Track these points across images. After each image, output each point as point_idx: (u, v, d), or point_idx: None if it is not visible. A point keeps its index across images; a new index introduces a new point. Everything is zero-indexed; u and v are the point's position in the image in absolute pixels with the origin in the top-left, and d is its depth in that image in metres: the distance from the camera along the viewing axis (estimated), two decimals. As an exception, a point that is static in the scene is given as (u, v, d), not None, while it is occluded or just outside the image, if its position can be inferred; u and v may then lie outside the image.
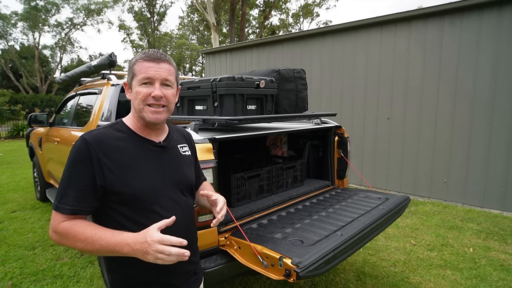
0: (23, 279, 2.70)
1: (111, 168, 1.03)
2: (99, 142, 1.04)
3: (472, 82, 4.43)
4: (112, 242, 0.94)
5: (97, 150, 1.02)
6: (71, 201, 1.00)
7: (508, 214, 4.20)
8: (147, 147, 1.13)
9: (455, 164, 4.63)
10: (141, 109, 1.08)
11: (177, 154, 1.22)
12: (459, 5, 4.42)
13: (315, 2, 29.74)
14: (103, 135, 1.07)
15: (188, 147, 1.30)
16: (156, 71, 1.07)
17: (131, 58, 1.15)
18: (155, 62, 1.08)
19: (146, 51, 1.11)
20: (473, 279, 2.68)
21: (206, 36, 33.88)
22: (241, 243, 1.73)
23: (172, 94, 1.12)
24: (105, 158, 1.03)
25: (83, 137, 1.05)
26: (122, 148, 1.07)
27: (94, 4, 28.45)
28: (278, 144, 3.20)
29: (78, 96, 3.62)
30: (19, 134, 13.83)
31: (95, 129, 1.11)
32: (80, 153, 1.02)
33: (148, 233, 0.91)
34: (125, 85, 1.16)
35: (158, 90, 1.07)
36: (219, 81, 2.26)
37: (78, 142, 1.05)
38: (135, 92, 1.09)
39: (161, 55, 1.10)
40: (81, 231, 0.97)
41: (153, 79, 1.07)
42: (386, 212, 2.13)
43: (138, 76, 1.07)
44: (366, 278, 2.70)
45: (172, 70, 1.12)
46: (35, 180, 4.96)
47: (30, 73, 26.80)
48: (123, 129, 1.13)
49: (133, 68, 1.09)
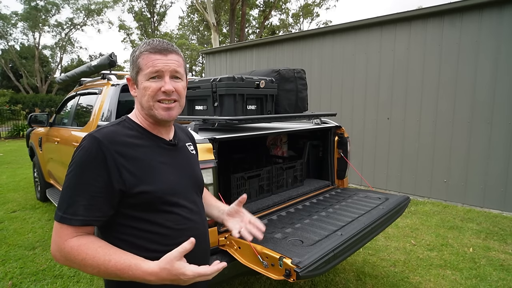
0: (23, 279, 2.70)
1: (130, 169, 0.92)
2: (112, 140, 0.92)
3: (472, 82, 4.43)
4: (132, 274, 0.83)
5: (111, 150, 0.90)
6: (81, 210, 0.86)
7: (508, 214, 4.20)
8: (160, 145, 1.04)
9: (455, 164, 4.63)
10: (151, 106, 0.98)
11: (187, 153, 1.15)
12: (459, 5, 4.42)
13: (315, 2, 29.76)
14: (114, 133, 0.95)
15: (193, 146, 1.24)
16: (165, 63, 0.96)
17: (133, 50, 1.03)
18: (162, 54, 0.97)
19: (151, 42, 0.99)
20: (473, 279, 2.68)
21: (206, 36, 33.88)
22: (241, 243, 1.73)
23: (183, 87, 1.02)
24: (121, 158, 0.91)
25: (93, 136, 0.91)
26: (138, 146, 0.97)
27: (94, 4, 28.49)
28: (278, 144, 3.20)
29: (78, 96, 3.62)
30: (19, 134, 13.82)
31: (103, 127, 0.98)
32: (91, 153, 0.89)
33: (180, 269, 0.83)
34: (129, 81, 1.05)
35: (168, 84, 0.97)
36: (219, 81, 2.26)
37: (86, 142, 0.91)
38: (143, 88, 0.98)
39: (168, 45, 0.99)
40: (92, 254, 0.84)
41: (162, 72, 0.97)
42: (386, 212, 2.13)
43: (145, 70, 0.97)
44: (366, 278, 2.70)
45: (181, 61, 1.02)
46: (35, 180, 4.96)
47: (30, 73, 26.81)
48: (133, 126, 1.02)
49: (138, 62, 0.98)
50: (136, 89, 1.02)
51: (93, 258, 0.83)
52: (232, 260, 1.76)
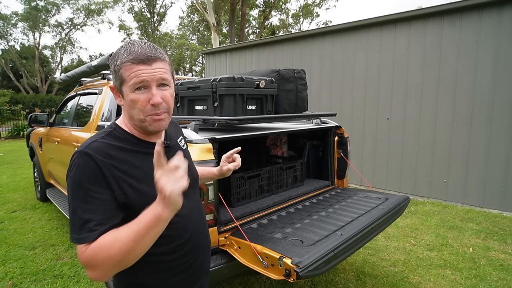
0: (23, 279, 2.71)
1: (127, 181, 0.90)
2: (104, 154, 0.90)
3: (471, 82, 4.43)
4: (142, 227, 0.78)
5: (106, 163, 0.88)
6: (96, 226, 0.83)
7: (507, 214, 4.20)
8: (152, 151, 1.01)
9: (454, 164, 4.63)
10: (142, 120, 0.94)
11: (180, 150, 1.15)
12: (458, 5, 4.43)
13: (315, 3, 29.77)
14: (104, 145, 0.92)
15: (182, 138, 1.22)
16: (150, 73, 0.90)
17: (113, 56, 0.94)
18: (146, 64, 0.89)
19: (131, 49, 0.90)
20: (473, 279, 2.68)
21: (206, 36, 33.89)
22: (241, 243, 1.73)
23: (171, 95, 0.97)
24: (118, 171, 0.89)
25: (84, 152, 0.88)
26: (130, 157, 0.95)
27: (94, 5, 28.51)
28: (278, 144, 3.20)
29: (79, 96, 3.63)
30: (19, 134, 13.82)
31: (92, 141, 0.93)
32: (86, 171, 0.86)
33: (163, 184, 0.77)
34: (112, 89, 0.99)
35: (156, 96, 0.91)
36: (219, 81, 2.27)
37: (78, 160, 0.88)
38: (130, 101, 0.92)
39: (150, 52, 0.90)
40: (109, 241, 0.80)
41: (148, 82, 0.90)
42: (385, 212, 2.13)
43: (129, 82, 0.90)
44: (366, 277, 2.70)
45: (167, 66, 0.95)
46: (36, 180, 4.96)
47: (30, 73, 26.83)
48: (122, 135, 0.98)
49: (120, 73, 0.91)
50: (122, 99, 0.97)
51: (111, 242, 0.80)
52: (232, 260, 1.76)
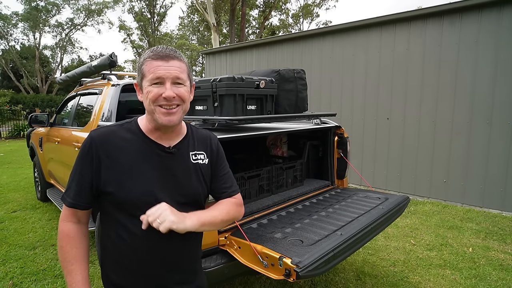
0: (23, 278, 2.71)
1: (110, 168, 1.01)
2: (103, 140, 1.03)
3: (471, 82, 4.44)
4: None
5: (99, 149, 1.01)
6: (72, 194, 1.03)
7: (507, 214, 4.20)
8: (154, 151, 1.06)
9: (454, 164, 4.63)
10: (152, 110, 1.02)
11: (186, 162, 1.11)
12: (458, 6, 4.43)
13: (314, 3, 29.77)
14: (110, 133, 1.05)
15: (206, 154, 1.17)
16: (166, 70, 0.99)
17: (140, 57, 1.10)
18: (164, 61, 1.00)
19: (155, 49, 1.03)
20: (473, 279, 2.68)
21: (206, 36, 33.88)
22: (241, 243, 1.74)
23: (185, 91, 1.04)
24: (105, 157, 1.01)
25: (90, 134, 1.05)
26: (125, 149, 1.03)
27: (94, 5, 28.52)
28: (278, 144, 3.20)
29: (79, 96, 3.63)
30: (19, 134, 13.84)
31: (107, 126, 1.09)
32: (84, 150, 1.03)
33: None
34: (136, 86, 1.10)
35: (169, 90, 1.00)
36: (219, 81, 2.27)
37: (86, 138, 1.05)
38: (146, 92, 1.02)
39: (170, 52, 1.02)
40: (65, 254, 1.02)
41: (164, 79, 1.00)
42: (385, 212, 2.13)
43: (147, 76, 1.01)
44: (366, 277, 2.70)
45: (184, 67, 1.04)
46: (36, 180, 4.97)
47: (30, 74, 26.84)
48: (134, 129, 1.08)
49: (142, 68, 1.03)
50: (142, 94, 1.06)
51: (65, 254, 1.02)
52: (232, 260, 1.76)
